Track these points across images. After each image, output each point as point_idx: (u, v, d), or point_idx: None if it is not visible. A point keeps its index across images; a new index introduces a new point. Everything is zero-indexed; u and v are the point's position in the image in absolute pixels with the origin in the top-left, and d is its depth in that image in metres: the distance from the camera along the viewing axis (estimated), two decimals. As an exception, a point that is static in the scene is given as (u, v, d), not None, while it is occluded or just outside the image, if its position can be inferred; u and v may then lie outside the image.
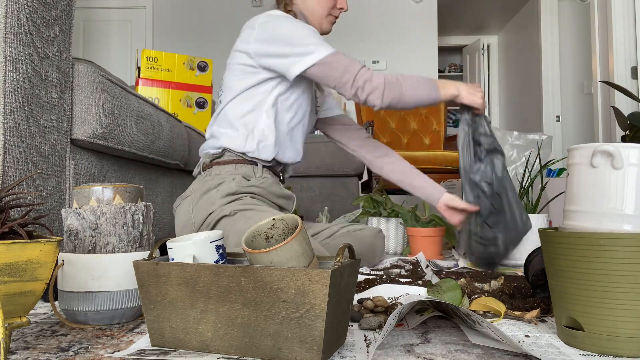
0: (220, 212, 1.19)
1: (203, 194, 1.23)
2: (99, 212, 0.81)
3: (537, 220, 1.46)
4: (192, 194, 1.25)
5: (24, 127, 0.94)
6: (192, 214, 1.23)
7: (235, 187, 1.22)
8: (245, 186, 1.23)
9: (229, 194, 1.21)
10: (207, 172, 1.27)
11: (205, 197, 1.22)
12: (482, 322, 0.65)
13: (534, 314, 0.79)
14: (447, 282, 0.88)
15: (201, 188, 1.24)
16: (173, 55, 2.31)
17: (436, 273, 1.27)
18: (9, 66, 0.90)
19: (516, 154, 1.71)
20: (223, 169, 1.26)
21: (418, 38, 4.45)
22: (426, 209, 1.79)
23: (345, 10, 1.36)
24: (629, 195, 0.63)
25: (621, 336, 0.60)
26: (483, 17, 5.81)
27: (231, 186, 1.22)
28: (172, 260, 0.69)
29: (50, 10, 1.02)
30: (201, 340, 0.63)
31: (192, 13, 4.47)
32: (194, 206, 1.23)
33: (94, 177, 1.20)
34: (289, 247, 0.62)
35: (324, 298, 0.56)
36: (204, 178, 1.26)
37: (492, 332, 0.65)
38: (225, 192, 1.21)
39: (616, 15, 3.30)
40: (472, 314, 0.65)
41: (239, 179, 1.24)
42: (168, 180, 1.72)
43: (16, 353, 0.64)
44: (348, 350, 0.64)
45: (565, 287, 0.65)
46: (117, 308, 0.78)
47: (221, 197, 1.21)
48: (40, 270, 0.62)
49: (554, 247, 0.66)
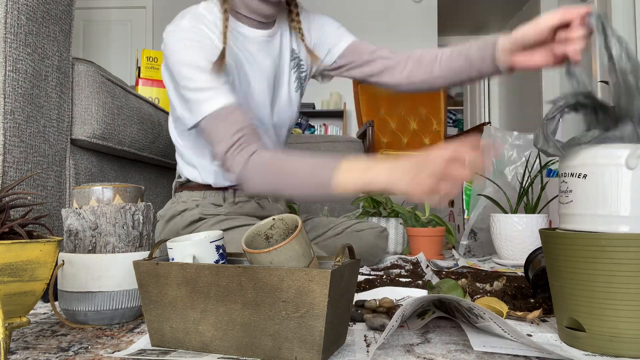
0: None
1: (167, 220, 1.19)
2: (99, 212, 0.81)
3: (537, 220, 1.46)
4: (161, 219, 1.21)
5: (24, 127, 0.94)
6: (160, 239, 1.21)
7: (198, 214, 1.14)
8: (212, 209, 1.16)
9: (193, 222, 1.15)
10: (177, 197, 1.21)
11: (170, 224, 1.18)
12: (485, 313, 0.64)
13: (537, 314, 0.79)
14: (447, 282, 0.88)
15: (167, 214, 1.19)
16: (173, 55, 2.30)
17: (436, 273, 1.27)
18: (9, 66, 0.90)
19: (516, 154, 1.71)
20: (191, 196, 1.18)
21: (418, 38, 4.45)
22: (426, 209, 1.79)
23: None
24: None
25: (623, 337, 0.60)
26: (483, 17, 5.81)
27: (194, 213, 1.14)
28: (172, 260, 0.69)
29: (50, 10, 1.02)
30: (201, 340, 0.63)
31: (192, 13, 4.47)
32: (160, 233, 1.21)
33: (94, 177, 1.19)
34: (289, 247, 0.62)
35: (324, 298, 0.56)
36: (172, 203, 1.21)
37: (496, 326, 0.65)
38: (188, 221, 1.15)
39: (616, 15, 3.30)
40: (475, 307, 0.65)
41: (207, 206, 1.16)
42: (168, 180, 1.72)
43: (16, 353, 0.64)
44: (348, 350, 0.64)
45: (567, 287, 0.65)
46: (117, 308, 0.78)
47: (184, 227, 1.15)
48: (40, 270, 0.62)
49: (555, 247, 0.66)
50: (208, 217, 1.15)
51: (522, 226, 1.46)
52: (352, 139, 2.43)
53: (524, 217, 1.46)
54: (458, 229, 1.96)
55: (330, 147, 2.42)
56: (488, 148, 0.68)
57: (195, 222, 1.14)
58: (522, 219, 1.46)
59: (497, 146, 0.98)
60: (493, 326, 0.66)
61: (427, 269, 1.34)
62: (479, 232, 1.71)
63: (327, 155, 0.82)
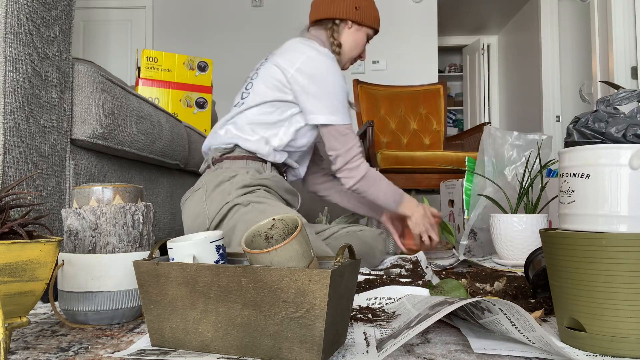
0: (234, 202, 1.21)
1: (216, 186, 1.25)
2: (99, 212, 0.80)
3: (537, 220, 1.46)
4: (204, 186, 1.26)
5: (24, 127, 0.94)
6: (205, 206, 1.24)
7: (249, 180, 1.24)
8: (258, 179, 1.26)
9: (244, 186, 1.23)
10: (218, 166, 1.30)
11: (219, 189, 1.24)
12: (495, 304, 0.63)
13: (538, 315, 0.79)
14: (449, 282, 0.88)
15: (213, 180, 1.26)
16: (173, 55, 2.31)
17: (436, 273, 1.27)
18: (9, 66, 0.90)
19: (516, 154, 1.71)
20: (234, 164, 1.29)
21: (418, 38, 4.45)
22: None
23: (363, 60, 1.55)
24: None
25: (623, 337, 0.60)
26: (483, 17, 5.81)
27: (245, 178, 1.25)
28: (172, 260, 0.69)
29: (50, 10, 1.02)
30: (201, 340, 0.63)
31: (192, 13, 4.47)
32: (207, 197, 1.24)
33: (94, 177, 1.19)
34: (289, 247, 0.62)
35: (324, 298, 0.56)
36: (215, 171, 1.28)
37: (504, 319, 0.63)
38: (240, 184, 1.23)
39: (616, 15, 3.30)
40: (483, 300, 0.64)
41: (252, 172, 1.27)
42: (168, 180, 1.72)
43: (16, 353, 0.64)
44: (348, 350, 0.64)
45: (567, 287, 0.64)
46: (117, 308, 0.78)
47: (236, 188, 1.23)
48: (40, 270, 0.61)
49: (555, 247, 0.66)
50: (255, 187, 1.26)
51: (522, 226, 1.46)
52: (352, 139, 2.43)
53: (524, 217, 1.46)
54: (458, 229, 1.96)
55: (330, 147, 2.42)
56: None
57: (247, 186, 1.24)
58: (522, 219, 1.46)
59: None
60: (501, 319, 0.64)
61: (427, 269, 1.34)
62: (479, 232, 1.71)
63: (395, 188, 1.38)
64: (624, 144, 0.64)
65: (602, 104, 0.75)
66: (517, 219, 1.46)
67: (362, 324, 0.77)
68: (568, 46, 4.66)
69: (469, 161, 1.82)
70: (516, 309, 0.62)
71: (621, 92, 0.73)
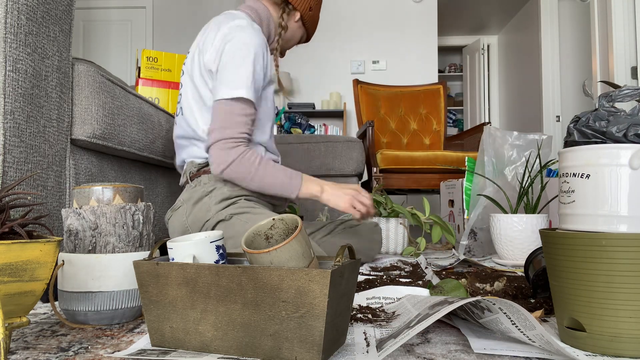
0: (216, 218, 1.18)
1: (195, 202, 1.22)
2: (99, 212, 0.80)
3: (537, 220, 1.46)
4: (184, 204, 1.23)
5: (24, 127, 0.94)
6: (187, 224, 1.21)
7: (227, 192, 1.21)
8: (237, 189, 1.22)
9: (223, 199, 1.20)
10: (196, 182, 1.25)
11: (199, 205, 1.21)
12: (495, 304, 0.63)
13: (538, 314, 0.79)
14: (449, 282, 0.88)
15: (192, 197, 1.22)
16: (173, 55, 2.31)
17: (436, 273, 1.27)
18: (9, 66, 0.90)
19: (516, 154, 1.71)
20: (212, 177, 1.24)
21: (418, 38, 4.45)
22: (426, 208, 1.79)
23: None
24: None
25: (623, 337, 0.60)
26: (483, 17, 5.81)
27: (224, 191, 1.21)
28: (172, 260, 0.69)
29: (50, 10, 1.02)
30: (201, 340, 0.63)
31: (192, 13, 4.47)
32: (188, 216, 1.21)
33: (94, 177, 1.19)
34: (289, 247, 0.62)
35: (324, 298, 0.56)
36: (194, 188, 1.24)
37: (504, 318, 0.63)
38: (219, 198, 1.20)
39: (616, 15, 3.30)
40: (483, 300, 0.64)
41: (230, 184, 1.22)
42: (168, 180, 1.72)
43: (16, 353, 0.64)
44: (348, 350, 0.64)
45: (567, 287, 0.65)
46: (117, 308, 0.78)
47: (215, 203, 1.19)
48: (40, 270, 0.62)
49: (555, 247, 0.66)
50: (235, 199, 1.21)
51: (522, 226, 1.46)
52: (352, 139, 2.43)
53: (524, 217, 1.46)
54: (458, 229, 1.96)
55: (330, 147, 2.42)
56: None
57: (226, 199, 1.20)
58: (522, 219, 1.46)
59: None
60: (501, 318, 0.64)
61: (427, 269, 1.34)
62: (479, 232, 1.71)
63: (288, 170, 1.20)
64: (624, 144, 0.64)
65: (604, 99, 0.74)
66: (517, 219, 1.46)
67: (362, 323, 0.77)
68: (568, 46, 4.66)
69: (469, 161, 1.82)
70: (516, 307, 0.62)
71: (624, 89, 0.73)
